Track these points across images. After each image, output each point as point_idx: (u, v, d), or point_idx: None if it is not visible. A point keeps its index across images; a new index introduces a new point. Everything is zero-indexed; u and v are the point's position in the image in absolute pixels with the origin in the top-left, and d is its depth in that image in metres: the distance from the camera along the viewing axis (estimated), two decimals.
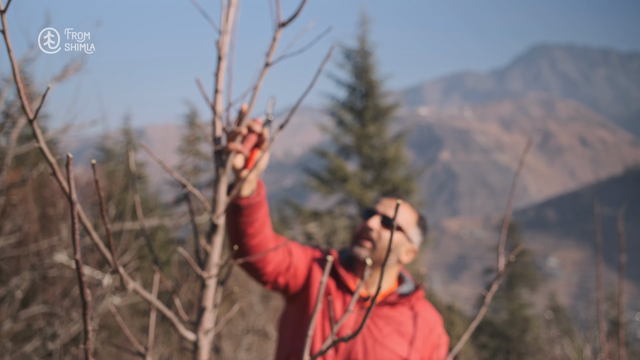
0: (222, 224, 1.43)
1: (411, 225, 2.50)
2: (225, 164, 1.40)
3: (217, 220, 1.39)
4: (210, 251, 1.43)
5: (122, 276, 1.14)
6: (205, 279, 1.42)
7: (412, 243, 2.51)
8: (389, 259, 2.43)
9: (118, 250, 4.62)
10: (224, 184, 1.40)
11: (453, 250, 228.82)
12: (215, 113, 1.43)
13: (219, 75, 1.41)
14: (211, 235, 1.43)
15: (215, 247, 1.43)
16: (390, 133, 19.51)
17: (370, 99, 19.31)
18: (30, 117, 0.93)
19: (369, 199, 18.02)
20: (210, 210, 1.38)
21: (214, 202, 1.41)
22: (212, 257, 1.43)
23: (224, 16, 1.39)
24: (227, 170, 1.39)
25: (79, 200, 10.46)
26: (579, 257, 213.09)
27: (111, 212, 5.35)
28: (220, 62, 1.41)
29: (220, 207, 1.40)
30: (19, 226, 6.30)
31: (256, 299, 10.65)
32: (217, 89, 1.42)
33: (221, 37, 1.40)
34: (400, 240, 2.46)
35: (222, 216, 1.41)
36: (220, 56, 1.41)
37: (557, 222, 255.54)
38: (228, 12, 1.41)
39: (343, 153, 19.20)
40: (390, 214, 2.46)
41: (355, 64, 19.67)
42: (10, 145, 5.61)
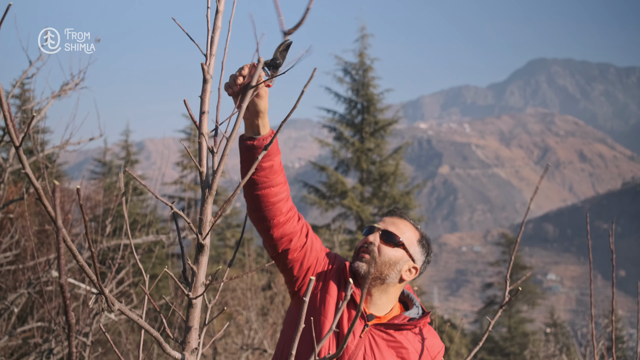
0: (208, 244, 1.44)
1: (413, 243, 2.48)
2: (211, 185, 1.41)
3: (203, 240, 1.40)
4: (197, 271, 1.44)
5: (107, 298, 1.15)
6: (192, 299, 1.43)
7: (413, 261, 2.48)
8: (390, 275, 2.42)
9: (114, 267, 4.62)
10: (210, 204, 1.42)
11: (452, 265, 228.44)
12: (201, 134, 1.45)
13: (204, 98, 1.43)
14: (198, 255, 1.43)
15: (201, 267, 1.44)
16: (389, 147, 19.56)
17: (369, 113, 19.37)
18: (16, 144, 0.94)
19: (367, 213, 18.03)
20: (197, 231, 1.39)
21: (200, 222, 1.42)
22: (199, 277, 1.44)
23: (208, 40, 1.42)
24: (212, 192, 1.40)
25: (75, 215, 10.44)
26: (578, 272, 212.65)
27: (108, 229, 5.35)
28: (205, 85, 1.44)
29: (206, 227, 1.41)
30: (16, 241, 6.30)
31: (254, 315, 10.61)
32: (202, 110, 1.44)
33: (207, 60, 1.42)
34: (402, 257, 2.45)
35: (208, 237, 1.42)
36: (206, 79, 1.43)
37: (556, 237, 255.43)
38: (213, 35, 1.44)
39: (342, 167, 19.23)
40: (390, 230, 2.46)
41: (354, 79, 19.76)
42: (9, 161, 5.63)
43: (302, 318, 1.15)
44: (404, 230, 2.48)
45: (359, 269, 2.40)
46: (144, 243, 6.73)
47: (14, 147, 0.97)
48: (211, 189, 1.39)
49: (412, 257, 2.48)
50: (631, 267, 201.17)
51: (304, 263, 2.37)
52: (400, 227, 2.49)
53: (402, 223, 2.51)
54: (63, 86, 5.67)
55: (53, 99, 5.53)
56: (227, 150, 1.40)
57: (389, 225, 2.49)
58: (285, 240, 2.29)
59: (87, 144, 5.97)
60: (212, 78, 1.43)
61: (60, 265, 0.97)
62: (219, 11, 1.46)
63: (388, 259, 2.42)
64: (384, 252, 2.42)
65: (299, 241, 2.32)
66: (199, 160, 1.43)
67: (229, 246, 24.39)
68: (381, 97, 19.65)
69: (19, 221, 6.55)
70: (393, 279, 2.44)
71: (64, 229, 0.94)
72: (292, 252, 2.33)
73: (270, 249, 2.34)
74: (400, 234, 2.46)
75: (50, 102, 5.48)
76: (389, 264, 2.41)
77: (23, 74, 5.53)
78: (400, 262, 2.44)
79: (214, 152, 1.44)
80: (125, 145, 27.43)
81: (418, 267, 2.51)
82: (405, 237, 2.47)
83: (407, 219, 2.56)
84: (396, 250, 2.44)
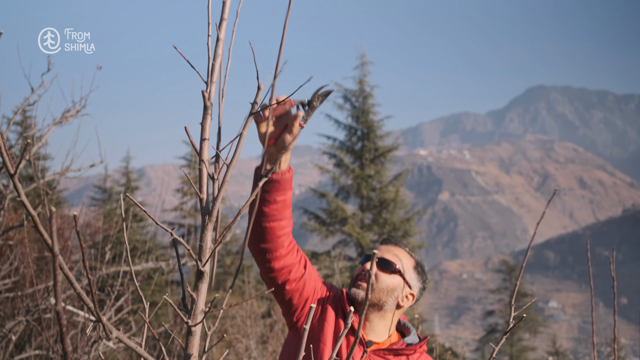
0: (207, 271, 1.43)
1: (409, 270, 2.53)
2: (211, 212, 1.41)
3: (203, 267, 1.39)
4: (196, 298, 1.43)
5: (104, 325, 1.14)
6: (191, 327, 1.41)
7: (410, 287, 2.52)
8: (388, 302, 2.45)
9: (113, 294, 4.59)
10: (210, 231, 1.41)
11: (453, 293, 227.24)
12: (201, 160, 1.45)
13: (205, 124, 1.44)
14: (197, 283, 1.43)
15: (201, 295, 1.43)
16: (389, 174, 19.56)
17: (369, 140, 19.41)
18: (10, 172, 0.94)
19: (368, 240, 17.96)
20: (197, 257, 1.38)
21: (199, 249, 1.41)
22: (198, 305, 1.43)
23: (209, 67, 1.43)
24: (212, 218, 1.40)
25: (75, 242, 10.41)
26: (579, 299, 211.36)
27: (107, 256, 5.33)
28: (206, 112, 1.44)
29: (205, 254, 1.40)
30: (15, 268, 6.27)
31: (253, 343, 10.53)
32: (203, 137, 1.45)
33: (207, 87, 1.43)
34: (399, 283, 2.48)
35: (207, 264, 1.42)
36: (207, 106, 1.44)
37: (557, 264, 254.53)
38: (213, 63, 1.45)
39: (342, 194, 19.21)
40: (387, 257, 2.50)
41: (354, 106, 19.83)
42: (9, 187, 5.63)
43: (303, 346, 1.14)
44: (400, 258, 2.53)
45: (356, 296, 2.43)
46: (143, 270, 6.70)
47: (9, 175, 0.97)
48: (211, 215, 1.39)
49: (409, 284, 2.52)
50: (633, 295, 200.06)
51: (303, 293, 2.39)
52: (396, 254, 2.54)
53: (398, 250, 2.57)
54: (64, 113, 5.69)
55: (54, 125, 5.55)
56: (228, 177, 1.40)
57: (385, 253, 2.53)
58: (285, 271, 2.31)
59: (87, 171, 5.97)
60: (212, 105, 1.44)
61: (56, 292, 0.97)
62: (220, 39, 1.48)
63: (385, 285, 2.45)
64: (381, 279, 2.46)
65: (297, 272, 2.34)
66: (200, 186, 1.43)
67: (229, 273, 24.29)
68: (381, 124, 19.71)
69: (19, 248, 6.53)
70: (391, 305, 2.48)
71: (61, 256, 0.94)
72: (291, 283, 2.34)
73: (269, 281, 2.35)
74: (396, 261, 2.51)
75: (51, 129, 5.50)
76: (386, 291, 2.45)
77: (25, 101, 5.56)
78: (397, 289, 2.48)
79: (215, 179, 1.44)
80: (125, 172, 27.46)
81: (415, 293, 2.55)
82: (401, 264, 2.51)
83: (402, 247, 2.61)
84: (393, 277, 2.47)
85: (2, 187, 5.67)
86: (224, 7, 1.49)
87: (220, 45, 1.47)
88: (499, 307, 30.78)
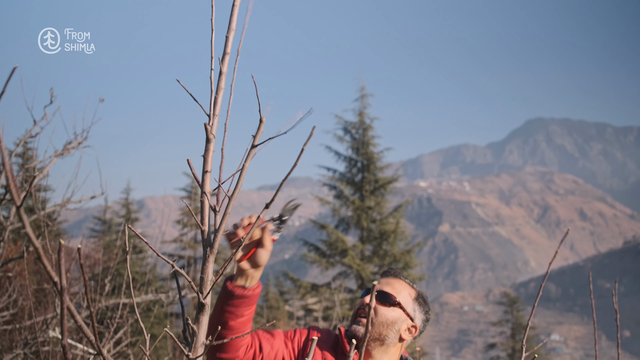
0: (209, 303, 1.43)
1: (409, 302, 2.50)
2: (212, 244, 1.41)
3: (204, 300, 1.39)
4: (197, 331, 1.42)
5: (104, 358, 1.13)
6: (192, 359, 1.41)
7: (412, 320, 2.49)
8: (389, 336, 2.42)
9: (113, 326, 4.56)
10: (211, 263, 1.41)
11: (454, 325, 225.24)
12: (203, 193, 1.46)
13: (207, 157, 1.45)
14: (198, 315, 1.42)
15: (202, 327, 1.43)
16: (389, 206, 19.55)
17: (369, 171, 19.45)
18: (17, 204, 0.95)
19: (368, 272, 17.88)
20: (198, 289, 1.38)
21: (201, 281, 1.41)
22: (199, 337, 1.43)
23: (211, 100, 1.45)
24: (214, 250, 1.40)
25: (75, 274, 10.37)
26: (582, 332, 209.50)
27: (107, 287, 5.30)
28: (208, 144, 1.45)
29: (207, 286, 1.40)
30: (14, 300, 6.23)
31: None
32: (205, 169, 1.46)
33: (210, 120, 1.45)
34: (400, 317, 2.45)
35: (209, 296, 1.42)
36: (209, 138, 1.45)
37: (559, 296, 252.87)
38: (216, 96, 1.47)
39: (342, 225, 19.19)
40: (386, 290, 2.47)
41: (354, 138, 19.92)
42: (10, 219, 5.62)
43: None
44: (399, 290, 2.50)
45: (357, 333, 2.39)
46: (143, 302, 6.66)
47: (15, 206, 0.98)
48: (213, 247, 1.40)
49: (410, 316, 2.48)
50: (635, 327, 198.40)
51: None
52: (396, 286, 2.51)
53: (398, 283, 2.54)
54: (66, 145, 5.72)
55: (56, 157, 5.57)
56: (229, 209, 1.40)
57: (385, 286, 2.51)
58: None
59: (87, 202, 5.97)
60: (215, 138, 1.45)
61: (62, 326, 0.97)
62: (222, 73, 1.50)
63: (385, 319, 2.42)
64: (380, 313, 2.43)
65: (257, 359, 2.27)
66: (201, 218, 1.43)
67: None
68: (381, 156, 19.78)
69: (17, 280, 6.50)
70: (392, 339, 2.44)
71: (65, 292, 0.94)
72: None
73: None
74: (396, 293, 2.48)
75: (53, 160, 5.52)
76: (387, 325, 2.42)
77: (27, 133, 5.58)
78: (398, 322, 2.45)
79: (216, 211, 1.45)
80: (125, 203, 27.42)
81: (417, 325, 2.51)
82: (401, 296, 2.48)
83: (402, 279, 2.58)
84: (393, 310, 2.44)
85: (3, 219, 5.67)
86: (227, 42, 1.51)
87: (222, 79, 1.49)
88: (501, 340, 30.49)
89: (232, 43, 1.51)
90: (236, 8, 1.50)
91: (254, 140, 1.39)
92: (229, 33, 1.51)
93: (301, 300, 22.01)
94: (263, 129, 1.38)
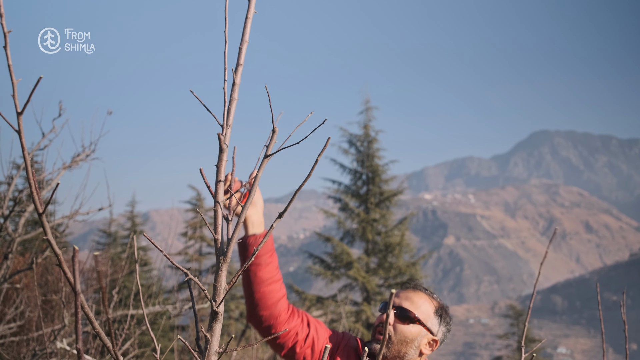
0: (222, 312, 1.44)
1: (429, 317, 2.42)
2: (225, 253, 1.43)
3: (217, 308, 1.40)
4: (211, 339, 1.43)
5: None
6: None
7: (432, 334, 2.42)
8: (409, 352, 2.38)
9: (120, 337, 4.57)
10: (224, 271, 1.43)
11: (460, 338, 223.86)
12: (216, 202, 1.48)
13: (220, 167, 1.47)
14: (211, 323, 1.44)
15: (215, 335, 1.44)
16: (394, 218, 19.53)
17: (374, 184, 19.46)
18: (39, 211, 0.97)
19: (373, 284, 17.85)
20: (211, 298, 1.40)
21: (214, 289, 1.43)
22: (212, 345, 1.44)
23: (225, 111, 1.47)
24: (227, 259, 1.42)
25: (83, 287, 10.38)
26: (588, 345, 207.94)
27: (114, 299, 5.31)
28: (221, 154, 1.48)
29: (220, 295, 1.42)
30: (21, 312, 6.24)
31: None
32: (218, 179, 1.48)
33: (223, 130, 1.47)
34: (419, 332, 2.38)
35: (222, 304, 1.43)
36: (222, 148, 1.47)
37: (565, 309, 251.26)
38: (229, 107, 1.49)
39: (347, 238, 19.17)
40: (405, 305, 2.41)
41: (359, 150, 19.95)
42: (18, 231, 5.65)
43: None
44: (419, 304, 2.42)
45: (374, 351, 2.33)
46: (150, 313, 6.67)
47: (37, 214, 1.00)
48: (226, 256, 1.41)
49: (430, 330, 2.41)
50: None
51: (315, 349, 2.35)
52: (415, 300, 2.43)
53: (417, 296, 2.45)
54: (74, 157, 5.76)
55: (64, 170, 5.60)
56: (242, 218, 1.42)
57: (404, 301, 2.42)
58: (292, 334, 2.30)
59: (93, 215, 5.99)
60: (228, 148, 1.47)
61: (77, 330, 0.98)
62: (236, 84, 1.52)
63: (404, 337, 2.36)
64: (399, 330, 2.37)
65: (303, 332, 2.33)
66: (214, 227, 1.45)
67: (233, 318, 24.10)
68: (386, 168, 19.79)
69: (25, 292, 6.52)
70: (412, 355, 2.39)
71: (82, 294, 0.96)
72: (300, 344, 2.32)
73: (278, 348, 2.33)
74: (415, 309, 2.40)
75: (61, 173, 5.56)
76: (406, 342, 2.36)
77: (35, 146, 5.62)
78: (418, 338, 2.38)
79: (229, 220, 1.46)
80: (130, 216, 27.49)
81: (438, 339, 2.44)
82: (420, 311, 2.40)
83: (421, 290, 2.50)
84: (412, 326, 2.37)
85: (11, 231, 5.69)
86: (240, 53, 1.53)
87: (236, 90, 1.52)
88: (507, 353, 30.32)
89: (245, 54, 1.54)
90: (249, 20, 1.52)
91: (267, 150, 1.41)
92: (242, 45, 1.53)
93: None
94: (276, 139, 1.40)
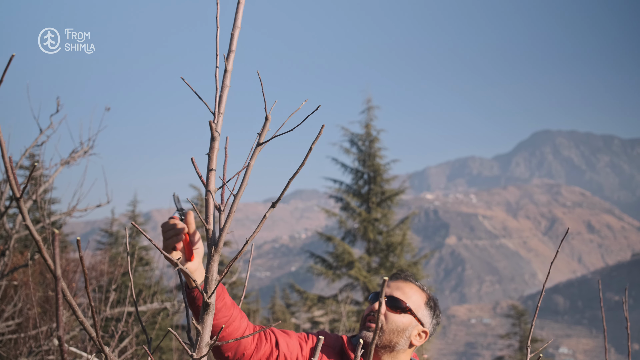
0: (213, 303, 1.41)
1: (420, 307, 2.42)
2: (217, 243, 1.39)
3: (209, 299, 1.37)
4: (202, 331, 1.40)
5: (107, 356, 1.11)
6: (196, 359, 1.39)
7: (422, 325, 2.42)
8: (400, 342, 2.36)
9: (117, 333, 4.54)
10: (216, 262, 1.40)
11: (462, 338, 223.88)
12: (208, 191, 1.44)
13: (212, 155, 1.44)
14: (203, 315, 1.40)
15: (206, 327, 1.41)
16: (396, 218, 19.50)
17: (376, 183, 19.43)
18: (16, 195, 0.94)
19: (375, 284, 17.83)
20: (202, 289, 1.37)
21: (205, 280, 1.40)
22: (203, 337, 1.41)
23: (216, 98, 1.44)
24: (219, 249, 1.39)
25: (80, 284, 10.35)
26: (590, 345, 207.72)
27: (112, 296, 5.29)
28: (213, 142, 1.44)
29: (211, 285, 1.38)
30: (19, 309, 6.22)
31: None
32: (210, 168, 1.44)
33: (215, 118, 1.43)
34: (410, 322, 2.38)
35: (213, 295, 1.40)
36: (214, 136, 1.43)
37: (567, 309, 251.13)
38: (221, 94, 1.46)
39: (349, 238, 19.15)
40: (396, 295, 2.40)
41: (360, 150, 19.91)
42: (15, 228, 5.63)
43: None
44: (410, 295, 2.42)
45: (366, 339, 2.31)
46: (148, 311, 6.64)
47: (14, 199, 0.96)
48: (217, 246, 1.38)
49: (421, 321, 2.41)
50: None
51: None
52: (406, 291, 2.43)
53: (408, 287, 2.46)
54: (72, 153, 5.73)
55: (62, 166, 5.58)
56: (234, 207, 1.39)
57: (395, 291, 2.42)
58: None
59: (94, 215, 5.98)
60: (220, 136, 1.43)
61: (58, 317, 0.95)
62: (227, 70, 1.48)
63: (395, 326, 2.35)
64: (390, 319, 2.36)
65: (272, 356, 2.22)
66: (206, 217, 1.42)
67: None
68: (387, 168, 19.75)
69: (23, 289, 6.50)
70: (403, 345, 2.37)
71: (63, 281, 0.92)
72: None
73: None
74: (406, 299, 2.40)
75: (59, 169, 5.53)
76: (397, 331, 2.35)
77: (33, 142, 5.60)
78: (409, 328, 2.38)
79: (221, 210, 1.43)
80: (132, 216, 27.46)
81: (427, 330, 2.44)
82: (411, 301, 2.41)
83: (412, 281, 2.50)
84: (403, 316, 2.37)
85: (8, 228, 5.67)
86: (232, 39, 1.50)
87: (227, 77, 1.48)
88: (509, 353, 30.26)
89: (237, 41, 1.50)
90: (241, 5, 1.49)
91: (259, 138, 1.37)
92: (234, 30, 1.49)
93: (307, 312, 21.93)
94: (269, 127, 1.37)
